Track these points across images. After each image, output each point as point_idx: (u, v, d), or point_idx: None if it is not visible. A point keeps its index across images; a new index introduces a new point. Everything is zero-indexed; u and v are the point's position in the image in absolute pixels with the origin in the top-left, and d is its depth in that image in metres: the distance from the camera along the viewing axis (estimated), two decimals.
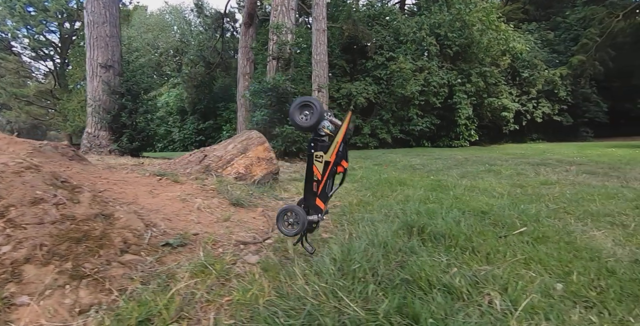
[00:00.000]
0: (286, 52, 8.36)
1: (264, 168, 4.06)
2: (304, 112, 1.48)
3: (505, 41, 16.58)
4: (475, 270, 1.60)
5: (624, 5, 20.93)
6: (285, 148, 7.08)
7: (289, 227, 1.62)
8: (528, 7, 25.14)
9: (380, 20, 18.59)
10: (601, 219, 2.59)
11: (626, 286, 1.48)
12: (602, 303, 1.33)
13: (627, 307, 1.32)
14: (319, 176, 1.55)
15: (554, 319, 1.19)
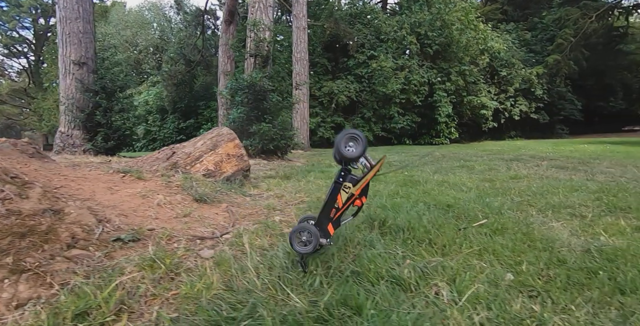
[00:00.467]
0: (264, 49, 8.26)
1: (235, 165, 3.98)
2: (349, 143, 1.53)
3: (484, 40, 16.89)
4: (427, 262, 1.58)
5: (596, 7, 21.60)
6: (263, 146, 7.00)
7: (302, 245, 1.59)
8: (507, 8, 25.69)
9: (362, 19, 18.67)
10: (562, 211, 2.63)
11: (573, 275, 1.48)
12: (547, 292, 1.33)
13: (571, 296, 1.32)
14: (340, 205, 1.59)
15: (495, 308, 1.18)
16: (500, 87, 17.79)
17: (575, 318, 1.16)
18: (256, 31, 8.17)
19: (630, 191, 3.41)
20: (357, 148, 1.53)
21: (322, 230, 1.62)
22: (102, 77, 10.31)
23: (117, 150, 10.53)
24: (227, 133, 4.15)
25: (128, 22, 32.47)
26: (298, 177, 4.80)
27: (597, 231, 2.14)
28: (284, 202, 3.16)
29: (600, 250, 1.79)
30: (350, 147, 1.53)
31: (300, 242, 1.54)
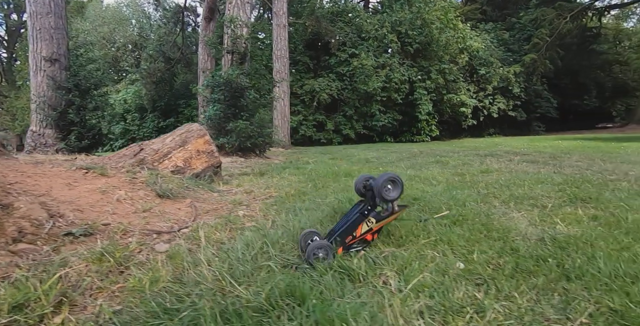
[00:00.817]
0: (241, 46, 8.15)
1: (205, 161, 3.90)
2: (387, 186, 1.66)
3: (463, 39, 17.15)
4: (380, 253, 1.57)
5: (571, 8, 22.24)
6: (240, 143, 6.91)
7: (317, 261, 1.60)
8: (486, 8, 26.17)
9: (344, 17, 18.68)
10: (524, 202, 2.67)
11: (523, 263, 1.50)
12: (494, 280, 1.33)
13: (517, 283, 1.32)
14: (358, 234, 1.66)
15: (437, 296, 1.18)
16: (479, 85, 18.12)
17: (516, 305, 1.16)
18: (233, 27, 8.05)
19: (593, 182, 3.50)
20: (395, 191, 1.67)
21: (332, 249, 1.63)
22: (75, 74, 9.99)
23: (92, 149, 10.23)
24: (197, 130, 4.06)
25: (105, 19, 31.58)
26: (272, 174, 4.75)
27: (555, 221, 2.18)
28: (252, 197, 3.11)
29: (554, 238, 1.82)
30: (387, 190, 1.65)
31: (317, 257, 1.56)
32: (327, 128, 15.58)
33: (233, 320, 1.11)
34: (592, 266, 1.45)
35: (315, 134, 15.51)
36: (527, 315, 1.10)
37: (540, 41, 20.19)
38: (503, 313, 1.11)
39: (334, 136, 15.56)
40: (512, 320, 1.07)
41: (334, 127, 15.66)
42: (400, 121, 16.29)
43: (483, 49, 17.89)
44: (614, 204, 2.61)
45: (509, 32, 22.72)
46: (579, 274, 1.39)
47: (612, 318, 1.10)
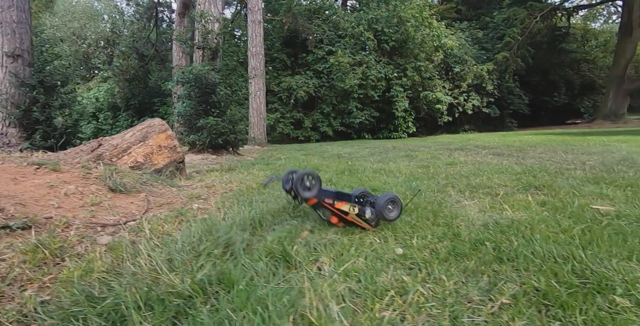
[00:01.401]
0: (212, 41, 7.99)
1: (166, 156, 3.80)
2: (388, 206, 1.81)
3: (438, 37, 17.41)
4: (320, 239, 1.56)
5: (541, 8, 22.98)
6: (211, 140, 6.78)
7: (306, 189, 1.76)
8: (461, 7, 26.65)
9: (321, 15, 18.65)
10: (479, 190, 2.72)
11: (459, 247, 1.52)
12: (426, 264, 1.34)
13: (448, 267, 1.34)
14: (337, 206, 1.77)
15: (364, 280, 1.17)
16: (454, 82, 18.45)
17: (443, 287, 1.17)
18: (204, 23, 7.89)
19: (550, 171, 3.62)
20: (395, 211, 1.83)
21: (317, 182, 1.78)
22: (39, 70, 9.57)
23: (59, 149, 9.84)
24: (159, 125, 3.96)
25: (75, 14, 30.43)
26: (241, 170, 4.69)
27: (504, 207, 2.23)
28: (211, 192, 3.06)
29: (498, 223, 1.86)
30: (388, 211, 1.80)
31: (306, 187, 1.71)
32: (304, 126, 15.54)
33: (155, 306, 1.09)
34: (527, 248, 1.48)
35: (293, 132, 15.43)
36: (450, 296, 1.10)
37: (512, 40, 20.77)
38: (427, 295, 1.11)
39: (311, 133, 15.53)
40: (434, 302, 1.08)
41: (311, 125, 15.63)
42: (377, 118, 16.41)
43: (457, 47, 18.22)
44: (565, 191, 2.70)
45: (483, 31, 23.24)
46: (513, 256, 1.42)
47: (535, 298, 1.12)
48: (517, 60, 20.59)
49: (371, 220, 1.80)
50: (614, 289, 1.16)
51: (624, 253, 1.47)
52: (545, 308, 1.05)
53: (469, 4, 27.24)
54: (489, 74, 18.98)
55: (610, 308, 1.05)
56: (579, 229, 1.74)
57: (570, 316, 1.00)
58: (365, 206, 1.81)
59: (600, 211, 2.19)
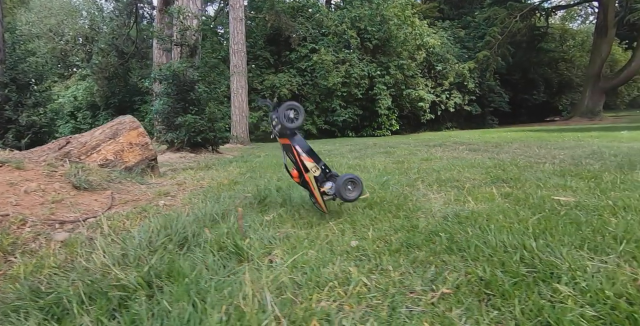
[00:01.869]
0: (191, 38, 7.87)
1: (138, 154, 3.73)
2: (347, 186, 1.84)
3: (420, 36, 17.59)
4: (275, 232, 1.55)
5: (520, 8, 23.46)
6: (190, 138, 6.68)
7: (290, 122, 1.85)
8: (443, 7, 26.98)
9: (304, 12, 18.59)
10: (448, 184, 2.76)
11: (413, 238, 1.52)
12: (377, 255, 1.34)
13: (397, 258, 1.34)
14: (304, 160, 1.87)
15: (310, 272, 1.17)
16: (436, 80, 18.69)
17: (388, 278, 1.17)
18: (182, 19, 7.76)
19: (520, 165, 3.69)
20: (355, 191, 1.85)
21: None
22: (12, 67, 9.26)
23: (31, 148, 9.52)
24: (130, 122, 3.87)
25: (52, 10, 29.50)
26: (217, 167, 4.64)
27: (468, 199, 2.26)
28: (181, 188, 3.01)
29: (457, 214, 1.88)
30: (349, 191, 1.83)
31: (290, 118, 1.81)
32: None
33: (98, 299, 1.07)
34: (480, 239, 1.49)
35: None
36: (394, 287, 1.10)
37: (493, 39, 21.15)
38: (370, 286, 1.11)
39: None
40: (376, 292, 1.07)
41: None
42: (361, 116, 16.49)
43: (439, 46, 18.46)
44: (530, 183, 2.76)
45: (465, 30, 23.58)
46: (465, 246, 1.43)
47: (477, 288, 1.12)
48: (498, 58, 21.00)
49: (328, 194, 1.81)
50: (559, 277, 1.17)
51: (576, 242, 1.49)
52: (486, 298, 1.06)
53: (451, 3, 27.61)
54: (471, 72, 19.29)
55: (552, 297, 1.06)
56: (536, 219, 1.77)
57: (510, 305, 1.01)
58: (328, 179, 1.82)
59: (561, 202, 2.24)
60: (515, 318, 0.94)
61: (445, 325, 0.90)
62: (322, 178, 1.82)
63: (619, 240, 1.47)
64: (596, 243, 1.46)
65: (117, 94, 19.60)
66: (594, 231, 1.61)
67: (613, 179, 2.78)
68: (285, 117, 1.79)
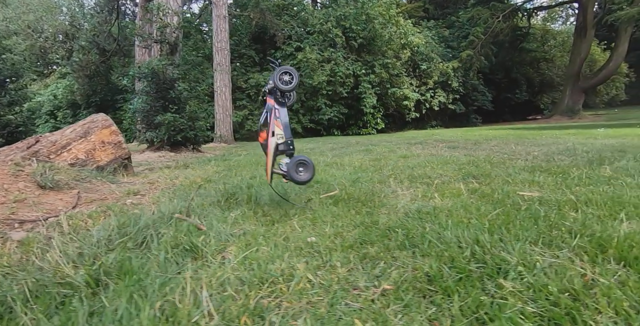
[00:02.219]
0: (171, 35, 7.75)
1: (110, 153, 3.66)
2: (299, 168, 1.91)
3: (405, 35, 17.72)
4: (232, 230, 1.55)
5: (503, 8, 23.86)
6: (170, 137, 6.59)
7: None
8: (428, 6, 27.24)
9: (289, 11, 18.51)
10: (419, 181, 2.79)
11: (369, 235, 1.52)
12: (328, 251, 1.33)
13: (347, 254, 1.33)
14: (274, 125, 1.98)
15: (258, 268, 1.16)
16: (421, 79, 18.86)
17: (334, 274, 1.17)
18: (161, 16, 7.64)
19: (494, 162, 3.76)
20: (306, 174, 1.92)
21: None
22: None
23: None
24: (102, 120, 3.80)
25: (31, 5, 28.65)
26: (194, 166, 4.58)
27: (435, 195, 2.29)
28: (153, 187, 2.97)
29: (420, 210, 1.90)
30: (300, 173, 1.92)
31: (285, 81, 2.00)
32: None
33: (42, 296, 1.05)
34: (436, 234, 1.49)
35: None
36: (337, 283, 1.10)
37: (476, 39, 21.47)
38: (314, 282, 1.11)
39: None
40: (319, 289, 1.07)
41: None
42: (346, 115, 16.53)
43: (424, 45, 18.62)
44: (500, 179, 2.81)
45: (449, 29, 23.86)
46: (419, 242, 1.43)
47: (420, 284, 1.11)
48: (481, 58, 21.33)
49: (282, 169, 1.90)
50: (507, 273, 1.16)
51: (531, 236, 1.49)
52: (428, 294, 1.05)
53: (436, 3, 27.90)
54: (455, 71, 19.54)
55: (496, 293, 1.05)
56: (495, 214, 1.80)
57: (450, 302, 1.00)
58: (288, 156, 1.93)
59: (525, 197, 2.29)
60: (452, 315, 0.93)
61: (379, 321, 0.89)
62: (284, 149, 1.89)
63: (574, 234, 1.49)
64: (551, 238, 1.47)
65: (99, 93, 19.19)
66: (551, 226, 1.62)
67: (580, 174, 2.84)
68: (280, 79, 1.97)
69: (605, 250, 1.30)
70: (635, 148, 4.41)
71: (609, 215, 1.76)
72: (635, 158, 3.56)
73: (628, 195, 2.08)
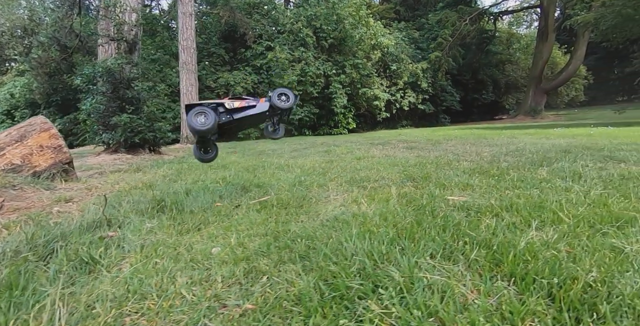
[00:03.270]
0: (129, 33, 7.52)
1: (49, 157, 3.51)
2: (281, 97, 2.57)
3: (375, 36, 17.95)
4: (136, 239, 1.53)
5: (470, 11, 24.63)
6: (127, 139, 6.39)
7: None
8: (399, 8, 27.72)
9: (260, 9, 18.34)
10: (358, 184, 2.84)
11: (270, 245, 1.50)
12: (221, 264, 1.32)
13: (234, 267, 1.30)
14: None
15: (137, 283, 1.16)
16: (391, 80, 19.19)
17: (210, 290, 1.15)
18: (118, 13, 7.38)
19: (440, 163, 3.87)
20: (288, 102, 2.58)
21: None
22: None
23: None
24: (41, 123, 3.64)
25: None
26: (146, 170, 4.48)
27: (363, 201, 2.30)
28: (90, 193, 2.88)
29: (337, 218, 1.89)
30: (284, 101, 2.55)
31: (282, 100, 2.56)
32: None
33: None
34: (336, 245, 1.45)
35: None
36: (209, 300, 1.07)
37: (444, 41, 22.06)
38: (187, 298, 1.08)
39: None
40: (187, 306, 1.04)
41: None
42: (317, 115, 16.58)
43: (393, 46, 18.93)
44: (436, 182, 2.88)
45: (419, 31, 24.39)
46: (314, 255, 1.38)
47: (287, 303, 1.06)
48: (449, 59, 21.95)
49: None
50: (386, 290, 1.09)
51: (433, 248, 1.43)
52: (290, 315, 1.00)
53: (407, 5, 28.42)
54: (424, 72, 19.99)
55: (362, 315, 0.98)
56: (408, 222, 1.79)
57: (312, 324, 0.95)
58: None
59: (450, 202, 2.32)
60: None
61: None
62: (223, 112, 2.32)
63: (477, 245, 1.45)
64: (453, 249, 1.43)
65: (60, 91, 18.32)
66: (457, 235, 1.58)
67: (515, 177, 2.90)
68: (278, 99, 2.46)
69: (499, 264, 1.27)
70: (580, 149, 4.57)
71: (524, 222, 1.74)
72: (575, 159, 3.71)
73: (551, 200, 2.09)
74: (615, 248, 1.38)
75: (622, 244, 1.40)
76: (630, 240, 1.44)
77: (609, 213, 1.80)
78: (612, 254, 1.32)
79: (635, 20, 13.19)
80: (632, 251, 1.33)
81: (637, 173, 2.75)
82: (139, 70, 7.04)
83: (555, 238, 1.50)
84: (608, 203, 1.97)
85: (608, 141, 5.43)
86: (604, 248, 1.36)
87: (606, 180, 2.60)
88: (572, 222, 1.69)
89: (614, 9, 13.46)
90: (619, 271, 1.16)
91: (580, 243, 1.44)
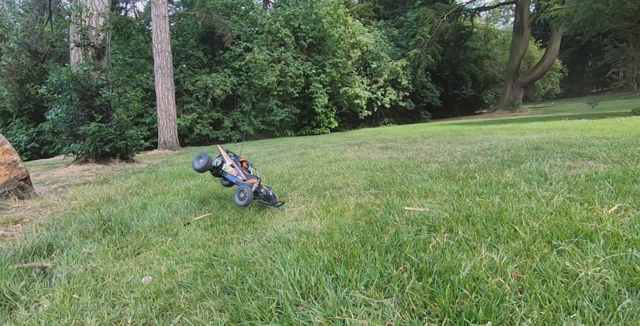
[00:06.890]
0: (98, 39, 7.29)
1: (3, 174, 3.36)
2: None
3: (353, 35, 17.95)
4: (71, 268, 1.45)
5: (447, 8, 24.87)
6: (97, 148, 6.21)
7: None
8: (378, 6, 27.82)
9: (238, 10, 18.12)
10: (318, 193, 2.80)
11: (199, 273, 1.45)
12: (140, 299, 1.27)
13: (153, 303, 1.26)
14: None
15: (68, 318, 1.09)
16: (371, 78, 19.26)
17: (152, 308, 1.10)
18: (83, 17, 7.15)
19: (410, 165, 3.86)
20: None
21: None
22: None
23: None
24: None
25: None
26: (113, 181, 4.35)
27: (315, 215, 2.23)
28: (44, 212, 2.77)
29: (280, 238, 1.83)
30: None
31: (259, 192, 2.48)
32: (224, 126, 15.06)
33: None
34: (267, 274, 1.40)
35: (212, 133, 14.87)
36: None
37: (423, 38, 22.21)
38: None
39: (232, 133, 15.12)
40: None
41: (232, 124, 15.21)
42: (299, 115, 16.51)
43: (373, 44, 18.98)
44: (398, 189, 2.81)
45: (398, 29, 24.52)
46: (239, 287, 1.32)
47: None
48: (428, 56, 22.12)
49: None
50: None
51: (370, 276, 1.36)
52: None
53: (386, 3, 28.55)
54: (404, 69, 20.11)
55: None
56: (352, 242, 1.72)
57: None
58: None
59: (406, 214, 2.18)
60: None
61: None
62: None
63: (417, 272, 1.37)
64: (391, 278, 1.34)
65: (32, 99, 17.73)
66: (399, 259, 1.50)
67: (480, 181, 2.85)
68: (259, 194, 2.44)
69: (434, 298, 1.19)
70: (552, 145, 4.59)
71: (477, 239, 1.66)
72: (544, 157, 3.68)
73: (511, 209, 2.04)
74: (569, 272, 1.31)
75: (577, 267, 1.34)
76: (586, 261, 1.37)
77: (569, 224, 1.74)
78: (563, 281, 1.25)
79: (606, 14, 13.52)
80: (585, 277, 1.26)
81: (603, 174, 2.69)
82: (107, 77, 6.84)
83: (506, 260, 1.42)
84: (570, 212, 1.91)
85: (580, 135, 5.48)
86: (557, 274, 1.29)
87: (572, 182, 2.54)
88: (528, 238, 1.62)
89: (585, 3, 13.77)
90: (565, 309, 1.09)
91: (533, 265, 1.37)
